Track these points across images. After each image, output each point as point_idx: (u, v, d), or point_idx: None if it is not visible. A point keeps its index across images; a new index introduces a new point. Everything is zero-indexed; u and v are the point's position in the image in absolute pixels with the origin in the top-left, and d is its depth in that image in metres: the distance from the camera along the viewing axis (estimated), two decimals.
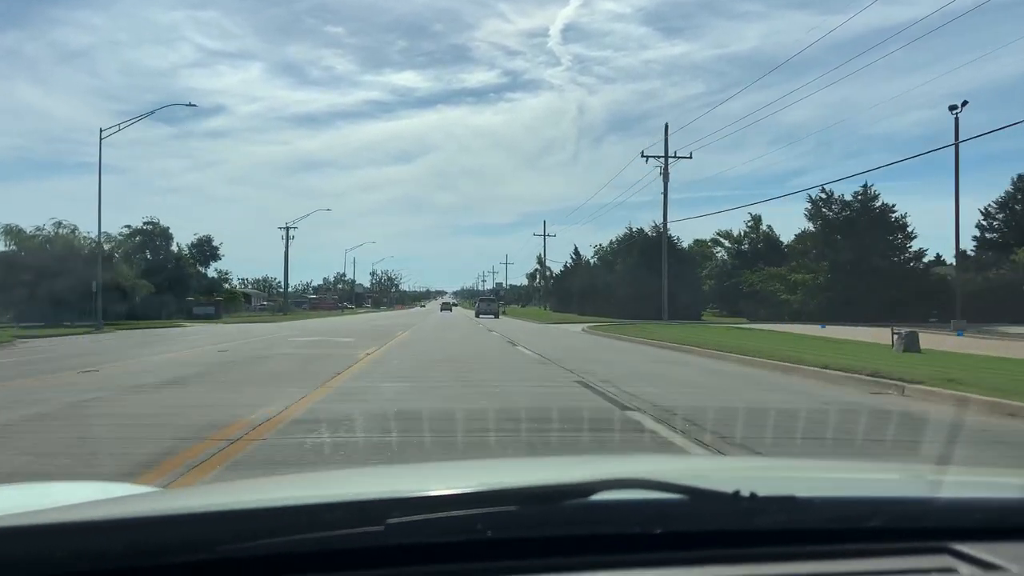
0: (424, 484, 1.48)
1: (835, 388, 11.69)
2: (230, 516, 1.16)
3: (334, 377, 12.76)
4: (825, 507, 1.25)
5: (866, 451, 6.69)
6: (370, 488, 1.47)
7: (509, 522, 1.13)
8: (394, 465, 5.22)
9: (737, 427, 7.59)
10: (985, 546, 1.17)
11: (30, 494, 1.94)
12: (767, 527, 1.19)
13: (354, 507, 1.18)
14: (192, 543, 1.07)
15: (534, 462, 3.24)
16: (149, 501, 1.54)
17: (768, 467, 2.20)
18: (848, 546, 1.18)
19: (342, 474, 3.00)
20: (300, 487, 1.67)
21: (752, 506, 1.19)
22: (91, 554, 1.05)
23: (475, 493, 1.27)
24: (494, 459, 5.22)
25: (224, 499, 1.36)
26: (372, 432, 7.38)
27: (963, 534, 1.21)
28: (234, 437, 6.93)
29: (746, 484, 1.20)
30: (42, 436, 7.18)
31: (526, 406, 8.95)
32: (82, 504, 1.40)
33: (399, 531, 1.09)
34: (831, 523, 1.22)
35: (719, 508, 1.20)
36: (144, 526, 1.14)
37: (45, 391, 10.80)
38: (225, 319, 53.91)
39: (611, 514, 1.18)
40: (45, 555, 1.05)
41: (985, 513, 1.28)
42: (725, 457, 6.01)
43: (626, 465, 2.06)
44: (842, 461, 4.36)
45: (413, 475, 1.98)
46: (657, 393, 10.51)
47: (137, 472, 5.42)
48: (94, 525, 1.14)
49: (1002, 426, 8.14)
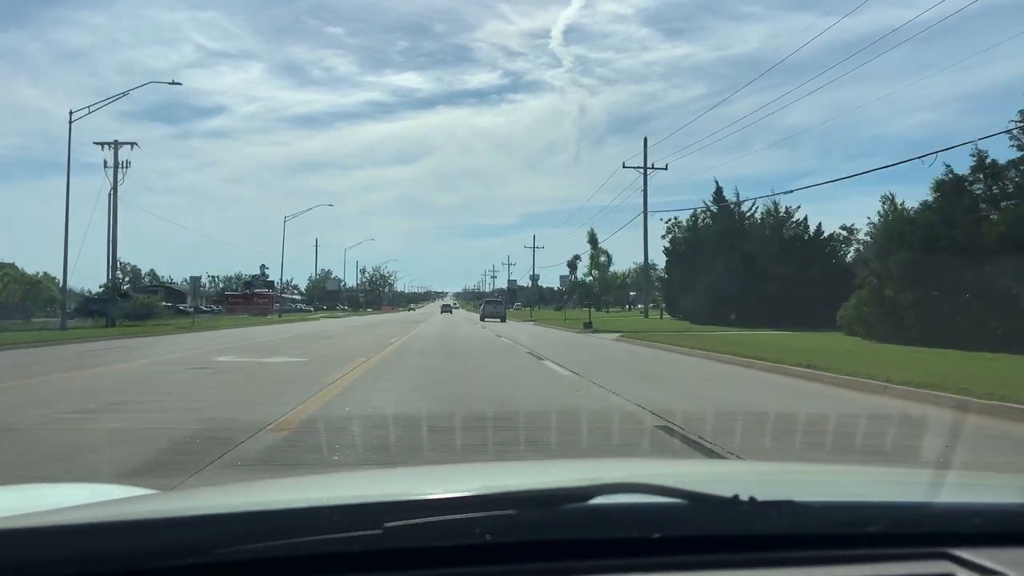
0: (422, 487, 1.47)
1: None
2: (227, 519, 1.16)
3: None
4: (825, 512, 1.25)
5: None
6: (367, 491, 1.47)
7: (508, 526, 1.13)
8: (392, 468, 5.20)
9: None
10: (985, 551, 1.17)
11: (27, 496, 1.94)
12: (767, 532, 1.19)
13: (351, 510, 1.18)
14: (189, 546, 1.07)
15: (533, 466, 3.24)
16: (146, 504, 1.53)
17: (767, 472, 2.19)
18: (848, 551, 1.18)
19: (340, 477, 2.99)
20: (297, 490, 1.67)
21: (752, 511, 1.18)
22: (87, 557, 1.04)
23: (474, 497, 1.26)
24: (494, 463, 5.20)
25: (221, 502, 1.36)
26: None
27: (963, 539, 1.20)
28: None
29: (745, 488, 1.19)
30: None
31: None
32: (79, 507, 1.39)
33: (397, 535, 1.09)
34: (831, 528, 1.22)
35: (718, 512, 1.20)
36: (140, 529, 1.14)
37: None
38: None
39: (610, 518, 1.18)
40: (41, 559, 1.04)
41: (985, 518, 1.27)
42: (725, 461, 5.98)
43: (625, 469, 2.06)
44: (842, 465, 4.34)
45: (411, 478, 1.97)
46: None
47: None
48: (91, 528, 1.13)
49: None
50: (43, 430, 7.43)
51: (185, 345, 22.82)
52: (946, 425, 8.00)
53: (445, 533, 1.11)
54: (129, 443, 6.73)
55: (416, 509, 1.16)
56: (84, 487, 2.15)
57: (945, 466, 5.12)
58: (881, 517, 1.24)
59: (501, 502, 1.18)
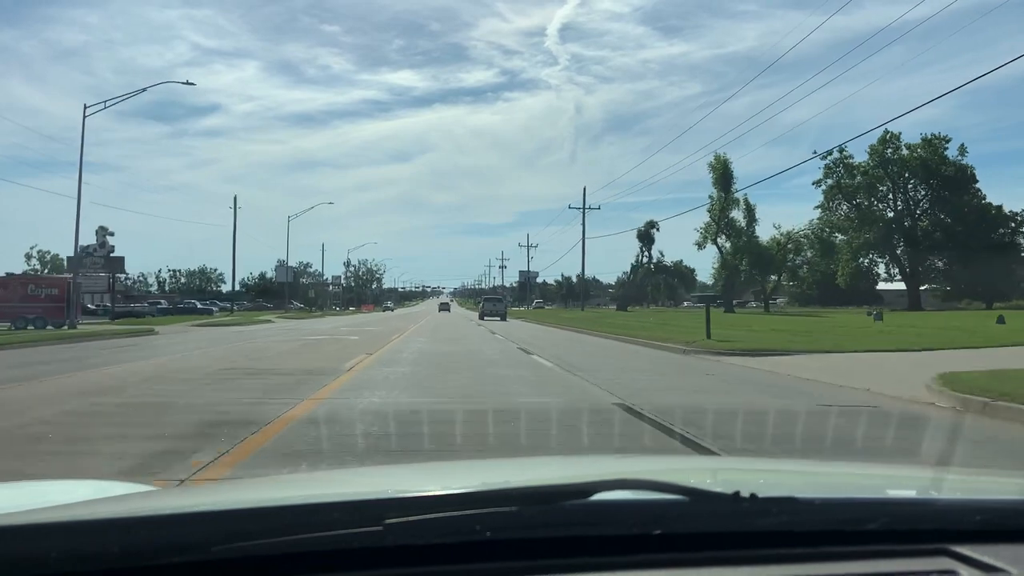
0: (423, 484, 1.47)
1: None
2: (226, 516, 1.15)
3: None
4: (825, 508, 1.25)
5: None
6: (368, 488, 1.47)
7: (508, 523, 1.13)
8: (392, 465, 5.20)
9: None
10: (985, 548, 1.17)
11: (26, 493, 1.94)
12: (767, 528, 1.18)
13: (352, 507, 1.17)
14: (187, 543, 1.07)
15: (533, 462, 3.23)
16: (145, 501, 1.53)
17: (768, 468, 2.19)
18: (848, 548, 1.18)
19: (340, 474, 2.99)
20: (297, 487, 1.67)
21: (752, 507, 1.18)
22: (86, 554, 1.04)
23: (474, 493, 1.26)
24: (493, 459, 5.20)
25: (220, 499, 1.36)
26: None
27: (963, 536, 1.20)
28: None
29: (746, 485, 1.19)
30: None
31: None
32: (77, 504, 1.39)
33: (397, 532, 1.09)
34: (831, 525, 1.22)
35: (719, 509, 1.20)
36: (139, 526, 1.13)
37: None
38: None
39: (610, 515, 1.18)
40: (39, 555, 1.04)
41: (985, 515, 1.27)
42: (725, 458, 5.96)
43: (625, 465, 2.06)
44: (842, 462, 4.34)
45: (412, 475, 1.97)
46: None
47: None
48: (89, 525, 1.13)
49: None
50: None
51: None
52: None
53: (446, 530, 1.11)
54: None
55: (417, 506, 1.16)
56: (85, 483, 2.15)
57: (946, 464, 5.13)
58: (881, 514, 1.24)
59: (501, 499, 1.18)
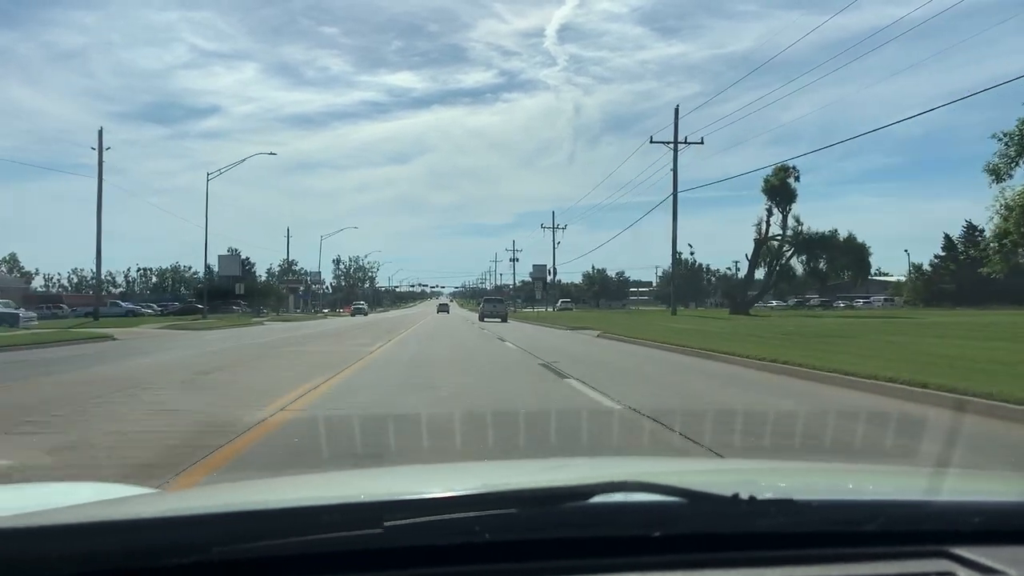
0: (422, 486, 1.47)
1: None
2: (226, 518, 1.16)
3: None
4: (824, 510, 1.25)
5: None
6: (368, 490, 1.47)
7: (507, 524, 1.13)
8: (392, 467, 5.19)
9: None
10: (984, 550, 1.17)
11: (29, 495, 1.94)
12: (766, 530, 1.19)
13: (351, 509, 1.18)
14: (188, 545, 1.07)
15: (533, 464, 3.23)
16: (146, 503, 1.53)
17: (767, 469, 2.19)
18: (847, 549, 1.18)
19: (340, 476, 2.99)
20: (298, 489, 1.67)
21: (751, 509, 1.18)
22: (87, 556, 1.04)
23: (474, 495, 1.26)
24: (493, 461, 5.20)
25: (221, 501, 1.36)
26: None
27: (962, 537, 1.20)
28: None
29: (745, 487, 1.19)
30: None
31: None
32: (79, 506, 1.39)
33: (397, 534, 1.09)
34: (830, 526, 1.22)
35: (718, 511, 1.20)
36: (140, 528, 1.14)
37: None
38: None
39: (610, 517, 1.18)
40: (41, 557, 1.04)
41: (984, 516, 1.27)
42: (724, 459, 5.95)
43: (625, 467, 2.06)
44: (841, 463, 4.35)
45: (411, 477, 1.97)
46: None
47: None
48: (91, 527, 1.13)
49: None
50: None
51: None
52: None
53: (445, 532, 1.11)
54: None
55: (416, 508, 1.16)
56: (86, 486, 2.15)
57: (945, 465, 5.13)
58: (880, 515, 1.24)
59: (501, 501, 1.18)
